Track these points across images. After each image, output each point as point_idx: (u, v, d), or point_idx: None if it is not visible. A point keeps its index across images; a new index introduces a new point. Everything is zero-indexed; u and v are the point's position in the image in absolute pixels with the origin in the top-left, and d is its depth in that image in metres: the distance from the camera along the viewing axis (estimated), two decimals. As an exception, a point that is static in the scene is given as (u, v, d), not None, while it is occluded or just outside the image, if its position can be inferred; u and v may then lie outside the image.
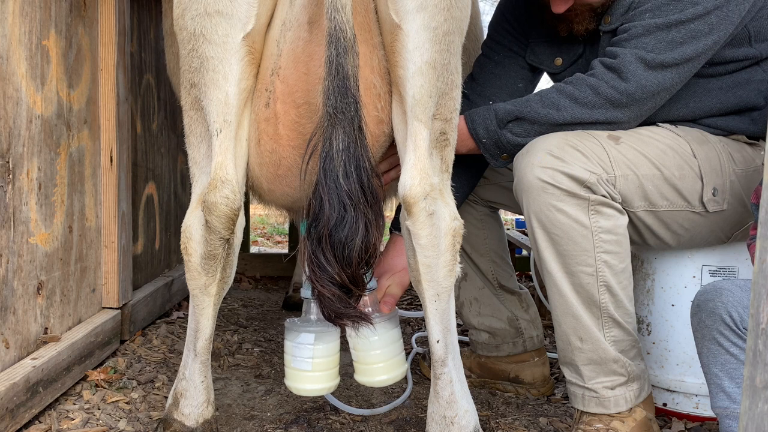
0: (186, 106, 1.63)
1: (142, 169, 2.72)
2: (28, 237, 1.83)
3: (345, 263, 1.40)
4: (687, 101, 1.89)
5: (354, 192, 1.40)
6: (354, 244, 1.40)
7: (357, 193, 1.40)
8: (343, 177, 1.40)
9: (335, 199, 1.39)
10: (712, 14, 1.74)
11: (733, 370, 1.51)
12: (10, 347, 1.76)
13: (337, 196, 1.39)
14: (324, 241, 1.40)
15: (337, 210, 1.39)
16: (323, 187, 1.40)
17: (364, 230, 1.41)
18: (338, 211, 1.39)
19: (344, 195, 1.39)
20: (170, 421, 1.70)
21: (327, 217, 1.39)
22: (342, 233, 1.39)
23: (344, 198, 1.39)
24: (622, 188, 1.75)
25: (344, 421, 1.97)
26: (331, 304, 1.44)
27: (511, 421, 2.03)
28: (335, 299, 1.43)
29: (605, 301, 1.75)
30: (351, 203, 1.39)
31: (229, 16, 1.45)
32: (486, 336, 2.32)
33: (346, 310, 1.45)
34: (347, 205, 1.39)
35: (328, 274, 1.41)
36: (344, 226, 1.39)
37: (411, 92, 1.49)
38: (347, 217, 1.39)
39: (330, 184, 1.40)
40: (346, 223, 1.39)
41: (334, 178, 1.40)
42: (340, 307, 1.44)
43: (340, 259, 1.40)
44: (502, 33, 2.13)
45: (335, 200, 1.39)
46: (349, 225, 1.39)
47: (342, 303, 1.44)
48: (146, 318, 2.64)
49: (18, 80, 1.77)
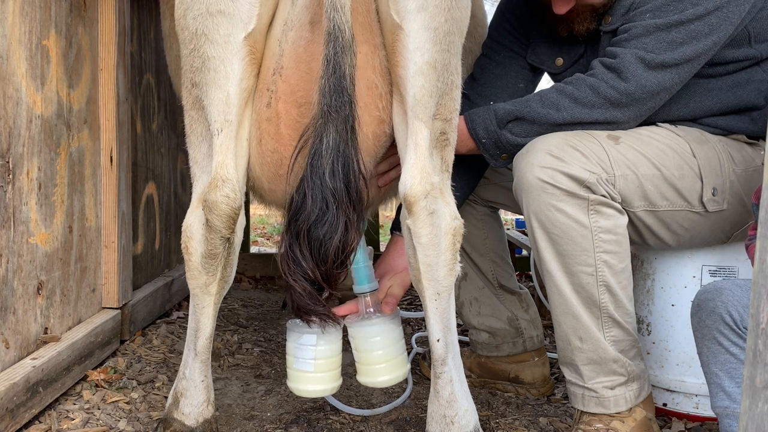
0: (187, 106, 1.64)
1: (142, 169, 2.72)
2: (28, 237, 1.83)
3: (320, 260, 1.41)
4: (687, 101, 1.89)
5: (338, 191, 1.40)
6: (331, 243, 1.40)
7: (341, 192, 1.40)
8: (329, 175, 1.40)
9: (318, 196, 1.39)
10: (712, 15, 1.74)
11: (733, 369, 1.51)
12: (10, 347, 1.76)
13: (321, 192, 1.39)
14: (302, 236, 1.40)
15: (319, 207, 1.39)
16: (308, 183, 1.40)
17: (344, 229, 1.41)
18: (320, 207, 1.40)
19: (328, 193, 1.39)
20: (170, 420, 1.70)
21: (308, 212, 1.40)
22: (321, 230, 1.40)
23: (328, 195, 1.39)
24: (621, 188, 1.76)
25: (344, 421, 1.97)
26: (300, 299, 1.44)
27: (511, 421, 2.03)
28: (305, 295, 1.44)
29: (605, 301, 1.75)
30: (334, 201, 1.40)
31: (231, 16, 1.46)
32: (486, 336, 2.33)
33: (315, 307, 1.46)
34: (330, 202, 1.40)
35: (302, 269, 1.41)
36: (324, 223, 1.40)
37: (412, 92, 1.49)
38: (328, 215, 1.40)
39: (315, 181, 1.40)
40: (326, 220, 1.40)
41: (320, 175, 1.40)
42: (309, 303, 1.45)
43: (315, 256, 1.40)
44: (503, 33, 2.14)
45: (318, 197, 1.39)
46: (329, 223, 1.40)
47: (312, 299, 1.45)
48: (146, 318, 2.64)
49: (18, 80, 1.77)
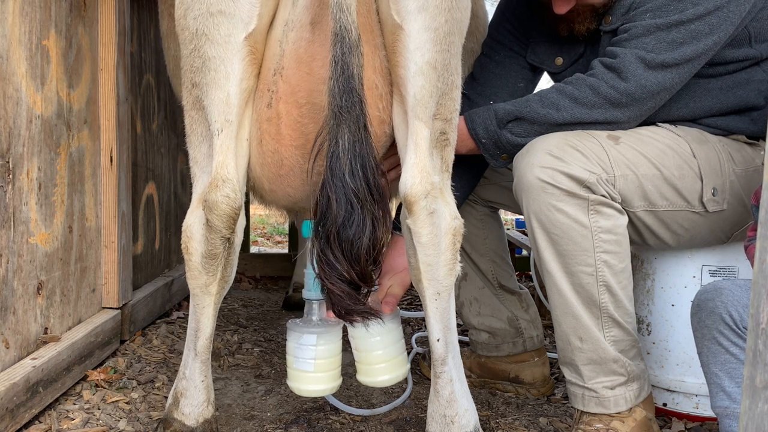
0: (187, 106, 1.64)
1: (142, 169, 2.72)
2: (28, 237, 1.83)
3: (353, 260, 1.41)
4: (687, 101, 1.89)
5: (360, 190, 1.41)
6: (362, 242, 1.41)
7: (363, 191, 1.41)
8: (349, 175, 1.40)
9: (342, 198, 1.40)
10: (712, 15, 1.74)
11: (733, 369, 1.51)
12: (10, 347, 1.76)
13: (344, 194, 1.40)
14: (332, 239, 1.41)
15: (345, 208, 1.40)
16: (330, 186, 1.41)
17: (372, 228, 1.42)
18: (345, 209, 1.40)
19: (351, 193, 1.40)
20: (170, 420, 1.70)
21: (335, 215, 1.40)
22: (350, 231, 1.40)
23: (351, 196, 1.40)
24: (621, 188, 1.76)
25: (344, 421, 1.97)
26: (340, 300, 1.45)
27: (511, 421, 2.03)
28: (344, 296, 1.44)
29: (605, 300, 1.75)
30: (358, 201, 1.40)
31: (232, 16, 1.46)
32: (486, 336, 2.33)
33: (356, 306, 1.46)
34: (354, 203, 1.40)
35: (337, 271, 1.42)
36: (352, 224, 1.40)
37: (412, 92, 1.49)
38: (354, 215, 1.40)
39: (337, 183, 1.40)
40: (353, 221, 1.40)
41: (341, 176, 1.40)
42: (350, 303, 1.45)
43: (348, 257, 1.41)
44: (503, 32, 2.14)
45: (342, 198, 1.40)
46: (357, 223, 1.40)
47: (351, 299, 1.45)
48: (146, 318, 2.64)
49: (18, 80, 1.77)
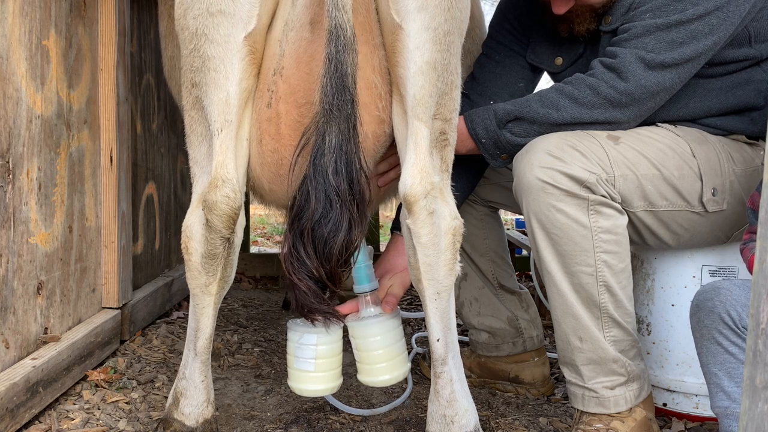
0: (187, 106, 1.64)
1: (142, 169, 2.72)
2: (28, 237, 1.83)
3: (324, 259, 1.41)
4: (687, 101, 1.89)
5: (342, 189, 1.40)
6: (336, 241, 1.40)
7: (345, 190, 1.41)
8: (332, 173, 1.40)
9: (322, 195, 1.40)
10: (712, 15, 1.74)
11: (733, 369, 1.51)
12: (10, 347, 1.76)
13: (324, 191, 1.40)
14: (306, 235, 1.40)
15: (323, 205, 1.40)
16: (311, 182, 1.41)
17: (347, 228, 1.41)
18: (324, 206, 1.40)
19: (332, 191, 1.40)
20: (170, 420, 1.70)
21: (312, 211, 1.40)
22: (325, 229, 1.40)
23: (331, 194, 1.40)
24: (621, 188, 1.76)
25: (344, 421, 1.97)
26: (305, 297, 1.45)
27: (511, 421, 2.03)
28: (310, 293, 1.44)
29: (605, 301, 1.75)
30: (338, 200, 1.40)
31: (231, 16, 1.46)
32: (486, 336, 2.32)
33: (319, 305, 1.46)
34: (334, 201, 1.40)
35: (306, 267, 1.42)
36: (328, 222, 1.40)
37: (412, 92, 1.49)
38: (332, 214, 1.40)
39: (318, 179, 1.40)
40: (330, 219, 1.40)
41: (323, 173, 1.40)
42: (314, 301, 1.45)
43: (320, 255, 1.41)
44: (503, 32, 2.14)
45: (322, 195, 1.40)
46: (333, 221, 1.40)
47: (316, 298, 1.45)
48: (146, 318, 2.64)
49: (18, 80, 1.77)
